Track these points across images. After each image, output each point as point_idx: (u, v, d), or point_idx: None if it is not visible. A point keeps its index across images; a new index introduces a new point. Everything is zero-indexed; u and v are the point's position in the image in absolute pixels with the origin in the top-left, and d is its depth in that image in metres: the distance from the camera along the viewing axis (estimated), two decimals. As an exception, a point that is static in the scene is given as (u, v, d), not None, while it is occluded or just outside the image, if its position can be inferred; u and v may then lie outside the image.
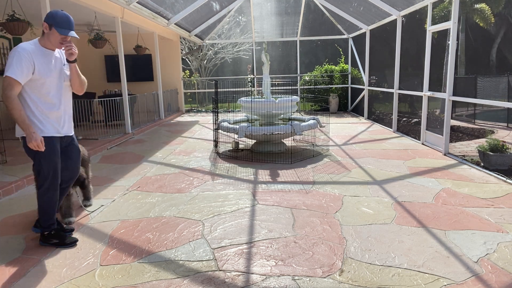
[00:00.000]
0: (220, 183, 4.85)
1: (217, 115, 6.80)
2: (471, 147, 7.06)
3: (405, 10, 7.93)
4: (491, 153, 5.29)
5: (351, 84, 12.91)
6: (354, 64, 12.75)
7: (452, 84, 6.08)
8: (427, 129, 7.01)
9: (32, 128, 2.80)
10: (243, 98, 6.67)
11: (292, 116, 7.17)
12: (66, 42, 2.85)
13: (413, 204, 3.94)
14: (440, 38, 12.25)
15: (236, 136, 6.66)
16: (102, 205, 4.10)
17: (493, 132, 9.05)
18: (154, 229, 3.44)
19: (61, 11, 2.89)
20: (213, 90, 6.98)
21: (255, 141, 6.71)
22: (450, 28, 6.01)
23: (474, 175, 4.92)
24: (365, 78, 11.09)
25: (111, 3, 7.34)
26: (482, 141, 7.01)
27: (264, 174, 5.18)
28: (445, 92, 6.14)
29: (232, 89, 14.04)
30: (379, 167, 5.40)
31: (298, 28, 13.38)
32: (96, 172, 5.52)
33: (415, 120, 9.95)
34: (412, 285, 2.49)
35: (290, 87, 13.08)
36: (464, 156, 6.16)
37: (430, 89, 6.92)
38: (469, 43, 18.91)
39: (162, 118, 11.35)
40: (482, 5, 14.40)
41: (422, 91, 7.06)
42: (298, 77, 14.01)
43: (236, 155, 6.39)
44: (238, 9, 13.40)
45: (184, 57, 17.98)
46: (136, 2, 7.90)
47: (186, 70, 19.33)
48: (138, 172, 5.45)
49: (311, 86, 13.26)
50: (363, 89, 11.23)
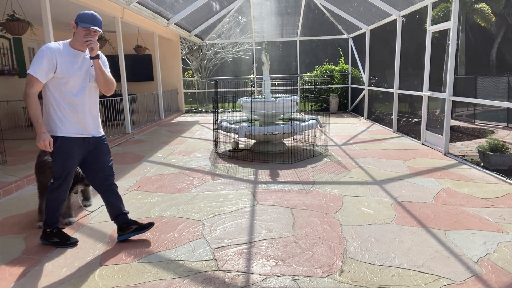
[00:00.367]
0: (220, 183, 4.85)
1: (217, 115, 6.80)
2: (471, 147, 7.07)
3: (405, 10, 7.93)
4: (491, 153, 5.29)
5: (351, 84, 12.91)
6: (354, 64, 12.75)
7: (452, 84, 6.08)
8: (427, 129, 7.01)
9: (44, 128, 2.81)
10: (243, 98, 6.67)
11: (292, 116, 7.17)
12: (88, 36, 2.83)
13: (413, 204, 3.94)
14: (440, 38, 12.25)
15: (236, 136, 6.66)
16: (102, 205, 4.10)
17: (493, 132, 9.05)
18: (154, 229, 3.44)
19: (89, 11, 2.94)
20: (213, 90, 6.98)
21: (255, 141, 6.71)
22: (450, 28, 6.01)
23: (474, 175, 4.92)
24: (365, 78, 11.09)
25: (111, 3, 7.34)
26: (482, 141, 7.01)
27: (264, 174, 5.18)
28: (445, 92, 6.15)
29: (232, 89, 14.04)
30: (379, 167, 5.40)
31: (298, 28, 13.38)
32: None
33: (415, 120, 9.95)
34: (412, 285, 2.49)
35: (290, 87, 13.08)
36: (464, 156, 6.16)
37: (430, 89, 6.92)
38: (469, 43, 18.91)
39: (162, 118, 11.35)
40: (482, 5, 14.41)
41: (422, 91, 7.07)
42: (298, 77, 14.02)
43: (236, 155, 6.39)
44: (238, 9, 13.41)
45: (184, 57, 17.98)
46: (136, 2, 7.90)
47: (189, 70, 19.35)
48: (138, 172, 5.45)
49: (311, 86, 13.26)
50: (363, 89, 11.23)
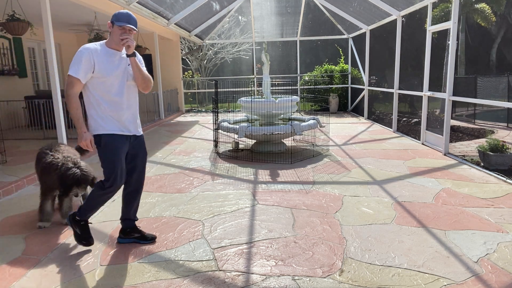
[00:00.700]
0: (220, 183, 4.85)
1: (217, 115, 6.80)
2: (471, 147, 7.06)
3: (405, 10, 7.93)
4: (491, 153, 5.29)
5: (351, 84, 12.91)
6: (354, 64, 12.75)
7: (452, 84, 6.08)
8: (427, 129, 7.01)
9: (84, 128, 2.85)
10: (243, 98, 6.67)
11: (292, 116, 7.17)
12: (124, 35, 2.83)
13: (413, 204, 3.94)
14: (440, 38, 12.25)
15: (236, 136, 6.66)
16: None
17: (493, 132, 9.05)
18: (154, 229, 3.44)
19: (124, 10, 2.94)
20: (213, 90, 6.98)
21: (255, 141, 6.71)
22: (450, 28, 6.01)
23: (474, 175, 4.92)
24: (365, 78, 11.09)
25: (111, 3, 7.34)
26: (482, 141, 7.00)
27: (264, 174, 5.18)
28: (445, 92, 6.15)
29: (232, 89, 14.04)
30: (379, 167, 5.40)
31: (298, 28, 13.38)
32: (96, 172, 5.51)
33: (415, 120, 9.95)
34: (412, 285, 2.49)
35: (290, 87, 13.08)
36: (464, 156, 6.16)
37: (430, 89, 6.92)
38: (469, 43, 18.91)
39: (162, 118, 11.35)
40: (482, 5, 14.40)
41: (422, 91, 7.06)
42: (298, 77, 14.01)
43: (236, 155, 6.39)
44: (238, 9, 13.40)
45: (184, 57, 17.98)
46: (136, 2, 7.90)
47: (189, 70, 19.35)
48: (138, 172, 5.44)
49: (311, 86, 13.26)
50: (363, 89, 11.23)
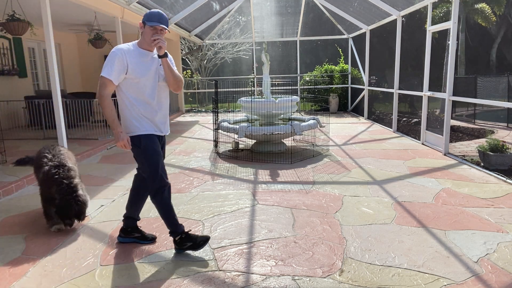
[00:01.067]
0: (220, 183, 4.85)
1: (217, 115, 6.80)
2: (471, 147, 7.06)
3: (405, 10, 7.93)
4: (491, 153, 5.29)
5: (351, 84, 12.91)
6: (354, 64, 12.75)
7: (452, 84, 6.08)
8: (427, 129, 7.01)
9: (120, 128, 2.82)
10: (243, 98, 6.67)
11: (292, 116, 7.17)
12: (155, 35, 2.80)
13: (413, 204, 3.94)
14: (440, 38, 12.25)
15: (236, 136, 6.65)
16: (102, 205, 4.10)
17: (493, 132, 9.05)
18: (154, 229, 3.44)
19: (155, 9, 2.90)
20: (213, 90, 6.98)
21: (255, 141, 6.71)
22: (450, 28, 6.01)
23: (474, 175, 4.92)
24: (365, 78, 11.09)
25: (111, 3, 7.34)
26: (482, 141, 7.00)
27: (264, 174, 5.18)
28: (445, 92, 6.15)
29: (232, 89, 14.04)
30: (379, 167, 5.40)
31: (298, 28, 13.38)
32: (96, 172, 5.52)
33: (415, 120, 9.95)
34: (412, 285, 2.49)
35: (290, 87, 13.08)
36: (464, 156, 6.16)
37: (430, 89, 6.92)
38: (469, 43, 18.91)
39: (162, 118, 11.32)
40: (482, 5, 14.40)
41: (422, 91, 7.06)
42: (298, 77, 14.01)
43: (236, 155, 6.39)
44: (238, 9, 13.41)
45: (184, 57, 17.98)
46: (136, 2, 7.90)
47: (188, 70, 19.34)
48: (138, 172, 5.44)
49: (311, 86, 13.26)
50: (363, 89, 11.23)
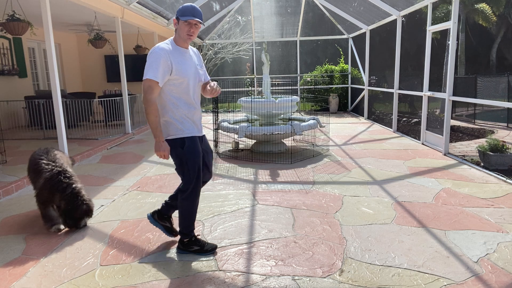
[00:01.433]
0: (220, 183, 4.85)
1: (217, 115, 6.80)
2: (471, 147, 7.06)
3: (405, 10, 7.93)
4: (491, 153, 5.29)
5: (351, 84, 12.91)
6: (354, 64, 12.74)
7: (452, 84, 6.08)
8: (427, 129, 7.00)
9: (162, 137, 2.71)
10: (243, 98, 6.67)
11: (292, 116, 7.17)
12: (190, 31, 2.71)
13: (413, 204, 3.94)
14: (440, 38, 12.25)
15: (236, 136, 6.65)
16: (102, 205, 4.10)
17: (493, 132, 9.05)
18: (154, 229, 3.44)
19: (188, 3, 2.78)
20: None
21: (255, 141, 6.71)
22: (450, 28, 6.01)
23: (474, 175, 4.92)
24: (365, 78, 11.09)
25: (111, 3, 7.34)
26: (482, 141, 7.00)
27: (264, 174, 5.18)
28: (445, 92, 6.15)
29: (232, 89, 14.04)
30: (379, 167, 5.40)
31: (298, 28, 13.37)
32: (96, 172, 5.52)
33: (415, 120, 9.95)
34: (412, 285, 2.49)
35: (290, 87, 13.08)
36: (464, 156, 6.16)
37: (430, 89, 6.92)
38: (469, 43, 18.91)
39: (162, 118, 11.32)
40: (482, 5, 14.40)
41: (422, 91, 7.06)
42: (298, 77, 14.01)
43: (236, 155, 6.39)
44: (238, 9, 13.40)
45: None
46: (136, 2, 7.90)
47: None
48: (138, 172, 5.45)
49: (311, 86, 13.25)
50: (363, 89, 11.23)
